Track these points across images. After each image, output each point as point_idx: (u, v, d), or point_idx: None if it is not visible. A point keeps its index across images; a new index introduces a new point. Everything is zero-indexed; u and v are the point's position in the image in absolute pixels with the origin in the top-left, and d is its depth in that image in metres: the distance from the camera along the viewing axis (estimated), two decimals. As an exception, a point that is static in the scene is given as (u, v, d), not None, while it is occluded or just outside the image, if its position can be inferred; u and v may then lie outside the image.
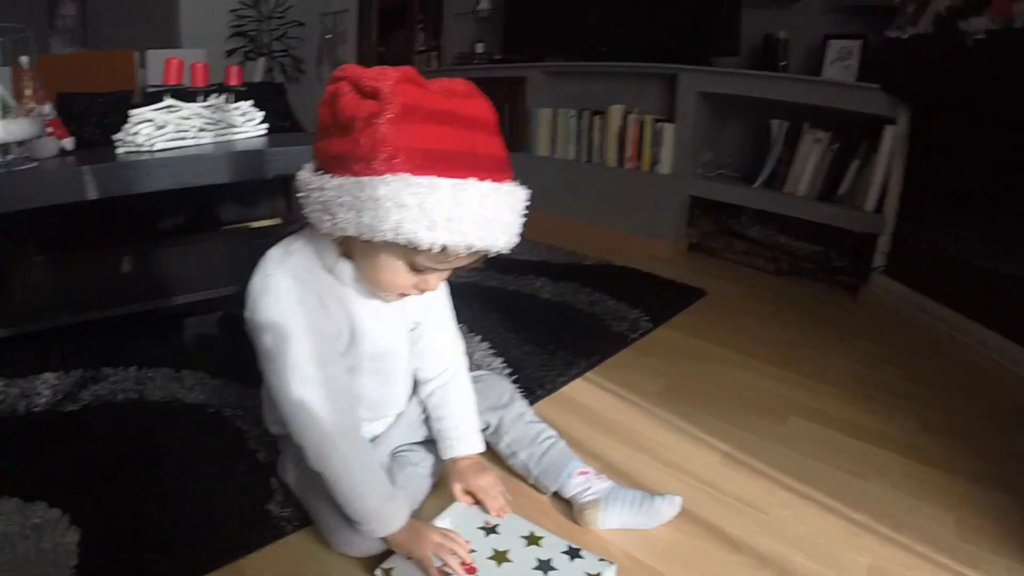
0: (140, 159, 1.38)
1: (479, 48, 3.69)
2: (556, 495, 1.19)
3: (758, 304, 2.20)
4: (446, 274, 0.94)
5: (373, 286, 0.95)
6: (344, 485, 0.96)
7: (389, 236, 0.78)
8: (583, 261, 2.60)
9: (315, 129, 0.90)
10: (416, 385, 1.23)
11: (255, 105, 1.85)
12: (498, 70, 3.37)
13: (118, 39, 3.55)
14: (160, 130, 1.44)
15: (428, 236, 0.77)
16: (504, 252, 0.85)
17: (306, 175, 0.87)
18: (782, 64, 2.45)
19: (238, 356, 1.66)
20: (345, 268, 0.96)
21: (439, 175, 0.77)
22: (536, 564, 0.99)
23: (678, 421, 1.47)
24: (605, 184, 2.94)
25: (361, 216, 0.79)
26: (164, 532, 1.10)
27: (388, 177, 0.76)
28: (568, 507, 1.17)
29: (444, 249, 0.79)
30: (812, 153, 2.38)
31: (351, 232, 0.82)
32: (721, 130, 2.79)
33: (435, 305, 1.18)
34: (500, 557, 1.00)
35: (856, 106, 2.17)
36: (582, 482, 1.15)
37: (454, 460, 1.18)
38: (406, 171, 0.76)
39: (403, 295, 0.96)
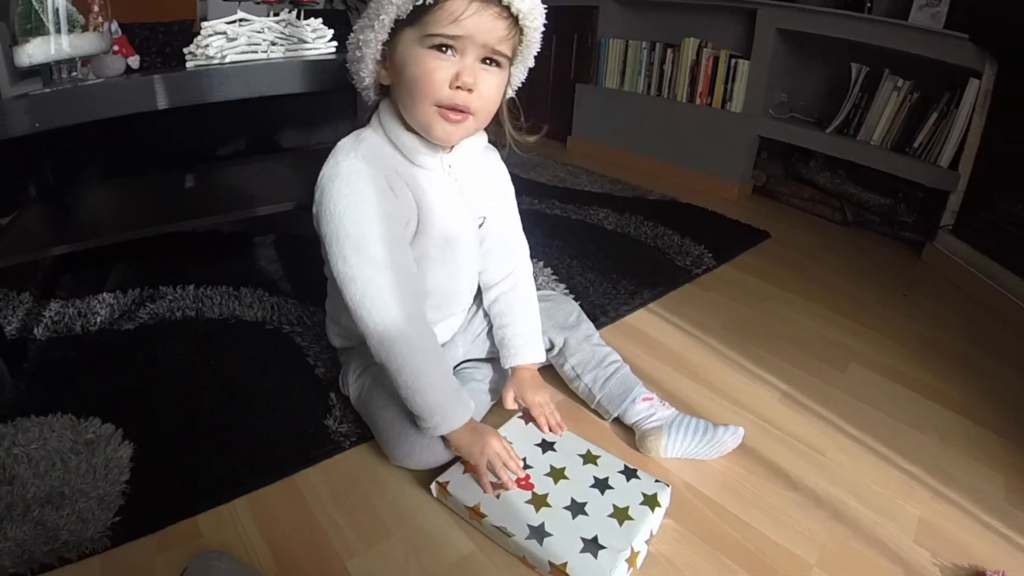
0: (213, 68, 1.37)
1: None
2: (617, 421, 1.20)
3: (822, 252, 2.17)
4: (488, 80, 0.93)
5: (414, 104, 0.93)
6: (408, 374, 0.95)
7: (389, 8, 0.87)
8: (647, 196, 2.57)
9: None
10: (481, 294, 1.25)
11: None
12: (570, -2, 3.26)
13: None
14: (232, 42, 1.42)
15: None
16: (522, 8, 0.89)
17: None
18: (867, 5, 2.33)
19: (297, 274, 1.73)
20: (412, 139, 0.99)
21: None
22: (593, 482, 1.01)
23: (739, 358, 1.48)
24: (674, 119, 2.88)
25: (370, 20, 0.90)
26: (219, 447, 1.11)
27: None
28: (628, 434, 1.18)
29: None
30: (890, 101, 2.28)
31: (370, 39, 0.91)
32: (797, 71, 2.68)
33: (502, 200, 1.19)
34: (557, 474, 1.02)
35: (941, 55, 2.07)
36: (646, 408, 1.16)
37: (514, 370, 1.20)
38: None
39: (448, 114, 0.93)
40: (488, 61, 0.92)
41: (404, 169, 1.00)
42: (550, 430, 1.12)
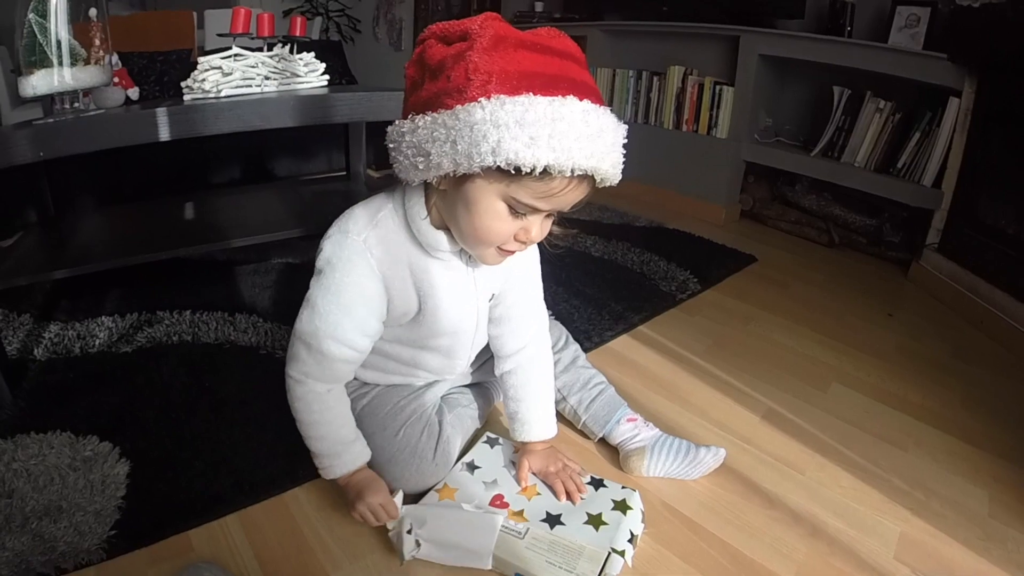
0: (209, 102, 1.41)
1: (539, 7, 3.60)
2: (603, 441, 1.22)
3: (808, 273, 2.20)
4: (547, 224, 0.87)
5: (471, 241, 0.88)
6: (303, 426, 1.01)
7: (488, 160, 0.72)
8: (635, 222, 2.60)
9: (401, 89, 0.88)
10: (488, 358, 1.21)
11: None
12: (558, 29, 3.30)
13: (177, 1, 3.52)
14: (227, 77, 1.47)
15: (529, 154, 0.71)
16: (611, 181, 0.82)
17: (396, 124, 0.84)
18: (847, 29, 2.38)
19: (290, 300, 1.69)
20: (436, 236, 0.92)
21: (536, 93, 0.72)
22: None
23: (722, 379, 1.50)
24: (661, 146, 2.92)
25: (457, 146, 0.74)
26: (211, 466, 1.14)
27: (483, 101, 0.72)
28: (613, 453, 1.21)
29: (547, 172, 0.74)
30: (873, 122, 2.33)
31: (446, 167, 0.77)
32: (781, 95, 2.74)
33: (520, 270, 1.10)
34: (529, 491, 1.07)
35: (921, 75, 2.11)
36: (630, 429, 1.19)
37: (526, 443, 1.14)
38: (502, 92, 0.72)
39: (503, 252, 0.89)
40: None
41: (416, 261, 0.94)
42: (567, 497, 1.06)
